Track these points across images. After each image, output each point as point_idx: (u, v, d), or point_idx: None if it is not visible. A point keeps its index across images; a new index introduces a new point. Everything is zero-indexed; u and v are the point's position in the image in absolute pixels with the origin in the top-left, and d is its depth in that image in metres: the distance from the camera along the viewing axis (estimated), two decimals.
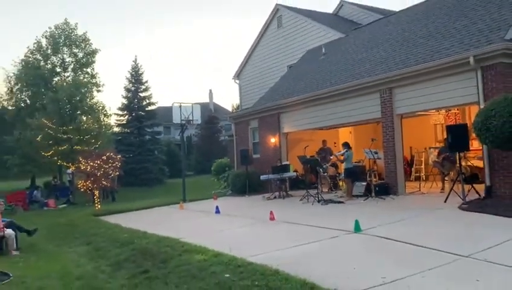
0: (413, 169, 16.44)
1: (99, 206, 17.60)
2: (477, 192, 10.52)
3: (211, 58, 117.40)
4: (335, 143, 17.34)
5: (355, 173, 13.74)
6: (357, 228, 8.10)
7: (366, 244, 7.31)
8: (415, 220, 9.02)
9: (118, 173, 20.34)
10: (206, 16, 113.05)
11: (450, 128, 10.95)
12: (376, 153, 12.96)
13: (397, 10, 20.67)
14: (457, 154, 11.09)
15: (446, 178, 13.12)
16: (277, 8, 26.96)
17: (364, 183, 13.34)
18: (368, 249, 7.06)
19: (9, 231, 10.09)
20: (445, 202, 10.46)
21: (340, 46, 20.11)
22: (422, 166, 15.83)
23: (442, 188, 13.01)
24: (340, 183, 15.46)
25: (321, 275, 5.55)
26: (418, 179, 15.55)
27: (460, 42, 11.96)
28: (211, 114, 47.40)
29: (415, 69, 12.27)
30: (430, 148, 14.97)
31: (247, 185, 17.69)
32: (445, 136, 12.39)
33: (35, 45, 32.49)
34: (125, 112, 36.72)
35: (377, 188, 12.77)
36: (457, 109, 14.48)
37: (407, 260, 6.12)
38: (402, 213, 9.81)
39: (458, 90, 11.30)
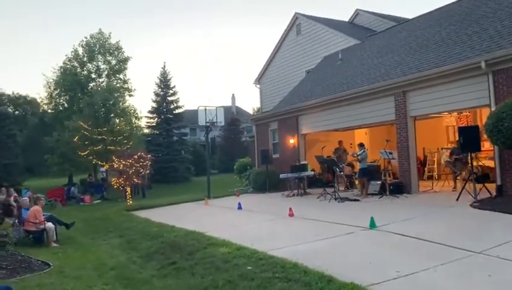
0: (426, 169, 16.16)
1: (130, 202, 17.83)
2: (488, 191, 10.29)
3: (234, 64, 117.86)
4: (351, 144, 17.19)
5: (370, 173, 13.60)
6: (373, 225, 8.02)
7: (381, 240, 7.22)
8: (428, 218, 8.88)
9: (148, 171, 20.58)
10: (229, 25, 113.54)
11: (462, 130, 10.76)
12: (391, 153, 12.79)
13: (411, 18, 20.35)
14: (469, 154, 10.86)
15: (458, 177, 12.85)
16: (296, 17, 26.88)
17: (379, 182, 13.17)
18: (382, 244, 6.97)
19: (49, 224, 10.32)
20: (457, 200, 10.26)
21: (356, 52, 19.93)
22: (435, 166, 15.56)
23: (454, 187, 12.74)
24: (356, 182, 15.31)
25: (338, 269, 5.51)
26: (430, 178, 15.29)
27: (472, 48, 11.72)
28: (234, 117, 47.56)
29: (428, 74, 12.08)
30: (442, 148, 14.71)
31: (267, 183, 17.67)
32: (457, 138, 12.16)
33: (73, 53, 33.23)
34: (155, 115, 37.14)
35: (391, 187, 12.60)
36: (469, 112, 14.18)
37: (420, 255, 6.03)
38: (416, 211, 9.67)
39: (470, 94, 11.08)
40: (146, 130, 37.22)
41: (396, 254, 6.30)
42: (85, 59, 33.25)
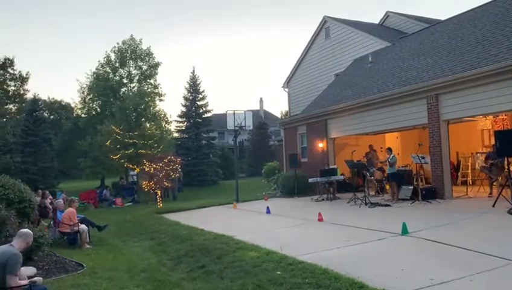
0: (459, 174, 15.71)
1: (161, 204, 18.09)
2: None
3: (262, 68, 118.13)
4: (381, 148, 16.89)
5: (399, 177, 13.33)
6: (405, 231, 7.85)
7: (414, 247, 7.06)
8: (462, 224, 8.63)
9: (178, 175, 20.83)
10: (258, 29, 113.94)
11: (498, 134, 10.40)
12: (423, 157, 12.52)
13: (443, 19, 19.88)
14: (506, 159, 10.48)
15: (494, 183, 12.44)
16: (325, 20, 26.70)
17: (411, 187, 12.91)
18: (415, 251, 6.81)
19: (83, 226, 10.58)
20: (493, 206, 9.92)
21: (387, 54, 19.63)
22: (469, 171, 15.10)
23: (490, 193, 12.34)
24: (387, 186, 15.05)
25: (369, 275, 5.42)
26: (464, 183, 14.85)
27: (509, 49, 11.33)
28: (261, 120, 47.60)
29: (462, 76, 11.77)
30: (477, 153, 14.27)
31: (296, 187, 17.60)
32: (492, 142, 11.76)
33: (105, 59, 34.01)
34: (184, 119, 37.55)
35: (423, 192, 12.32)
36: (505, 115, 13.72)
37: (455, 263, 5.86)
38: (449, 217, 9.42)
39: (507, 96, 10.71)
40: (175, 134, 37.68)
41: (429, 261, 6.13)
42: (117, 65, 33.98)
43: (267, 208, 13.27)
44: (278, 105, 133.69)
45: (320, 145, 18.20)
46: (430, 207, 11.26)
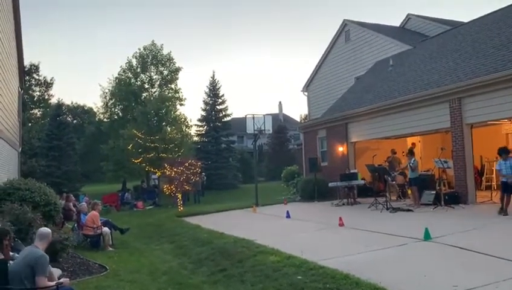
0: (483, 178, 15.39)
1: (181, 208, 18.26)
2: None
3: (281, 71, 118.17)
4: (403, 152, 16.68)
5: (420, 182, 13.14)
6: (427, 236, 7.73)
7: (437, 252, 6.95)
8: (486, 229, 8.47)
9: (199, 179, 21.01)
10: (277, 32, 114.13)
11: None
12: (446, 162, 12.31)
13: (466, 21, 19.56)
14: None
15: None
16: (345, 23, 26.60)
17: (434, 192, 12.71)
18: (438, 257, 6.71)
19: (106, 229, 10.78)
20: None
21: (408, 57, 19.42)
22: (494, 175, 14.76)
23: None
24: (409, 191, 14.84)
25: (391, 281, 5.37)
26: (489, 188, 14.52)
27: None
28: (281, 124, 47.54)
29: (486, 79, 11.56)
30: None
31: (316, 192, 17.50)
32: None
33: (127, 65, 34.64)
34: (204, 123, 37.84)
35: (446, 197, 12.12)
36: None
37: (480, 270, 5.75)
38: (473, 222, 9.24)
39: None
40: (195, 138, 38.02)
41: (452, 267, 6.04)
42: (138, 70, 34.58)
43: (287, 212, 13.24)
44: (297, 109, 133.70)
45: (341, 149, 18.09)
46: (453, 212, 11.07)
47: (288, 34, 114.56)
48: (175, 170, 18.86)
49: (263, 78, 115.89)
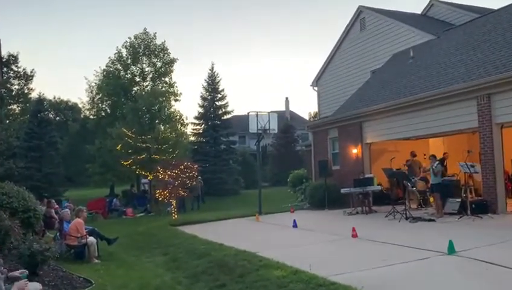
0: None
1: (176, 216, 18.28)
2: None
3: (287, 64, 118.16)
4: (424, 155, 16.66)
5: (444, 188, 13.12)
6: (451, 249, 7.71)
7: (462, 268, 6.95)
8: None
9: (197, 183, 21.07)
10: (283, 19, 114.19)
11: None
12: (473, 166, 12.30)
13: (496, 8, 19.51)
14: None
15: None
16: (360, 10, 26.58)
17: (459, 200, 12.70)
18: (463, 273, 6.71)
19: (91, 239, 10.79)
20: None
21: (431, 48, 19.40)
22: None
23: None
24: (431, 199, 14.82)
25: None
26: None
27: None
28: (287, 123, 47.59)
29: None
30: None
31: (326, 199, 17.51)
32: None
33: (116, 55, 34.63)
34: (201, 121, 37.81)
35: (473, 206, 12.11)
36: None
37: (510, 287, 5.72)
38: (503, 234, 9.25)
39: None
40: (192, 138, 38.00)
41: (480, 284, 6.04)
42: (129, 61, 34.56)
43: (294, 221, 13.26)
44: (305, 106, 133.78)
45: (354, 151, 18.08)
46: (481, 223, 11.06)
47: (296, 22, 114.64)
48: (169, 173, 18.87)
49: (268, 71, 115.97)
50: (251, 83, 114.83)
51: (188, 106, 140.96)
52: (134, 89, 34.79)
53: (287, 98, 61.54)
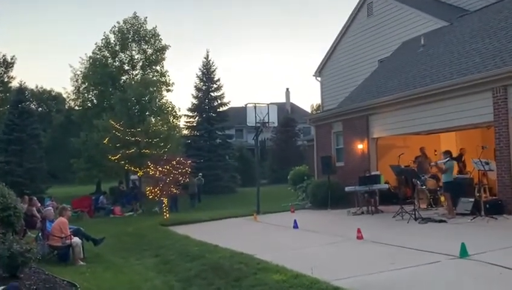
0: None
1: (167, 215, 18.30)
2: None
3: (288, 52, 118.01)
4: (435, 151, 16.70)
5: (456, 187, 13.15)
6: (464, 253, 7.73)
7: (475, 272, 6.97)
8: None
9: (193, 180, 21.09)
10: (283, 4, 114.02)
11: None
12: (487, 163, 12.31)
13: None
14: None
15: None
16: None
17: (472, 200, 12.74)
18: (477, 278, 6.73)
19: (76, 239, 10.77)
20: None
21: (443, 36, 19.39)
22: None
23: None
24: (442, 198, 14.86)
25: None
26: None
27: None
28: (288, 115, 47.67)
29: None
30: None
31: (329, 198, 17.54)
32: None
33: (103, 41, 34.53)
34: (195, 113, 37.82)
35: (487, 206, 12.13)
36: None
37: None
38: None
39: None
40: (185, 131, 37.98)
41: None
42: (117, 48, 34.48)
43: (295, 221, 13.29)
44: (307, 97, 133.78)
45: (360, 146, 18.09)
46: (496, 224, 11.09)
47: (298, 7, 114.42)
48: (160, 169, 18.86)
49: (267, 61, 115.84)
50: (249, 73, 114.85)
51: (181, 97, 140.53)
52: (123, 78, 34.75)
53: (287, 89, 61.57)
